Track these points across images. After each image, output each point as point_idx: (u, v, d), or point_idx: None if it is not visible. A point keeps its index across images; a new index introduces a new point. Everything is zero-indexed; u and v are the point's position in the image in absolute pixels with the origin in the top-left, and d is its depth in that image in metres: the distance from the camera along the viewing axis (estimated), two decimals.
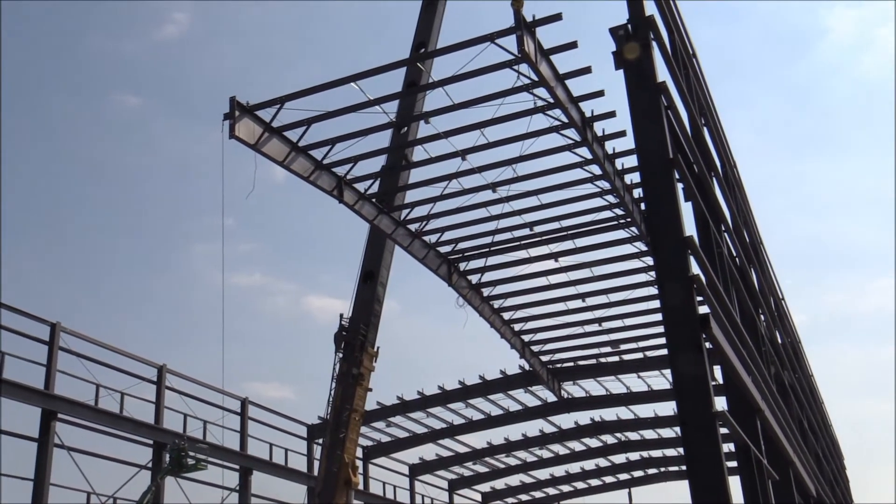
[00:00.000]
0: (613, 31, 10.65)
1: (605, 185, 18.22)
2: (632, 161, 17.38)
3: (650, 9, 11.01)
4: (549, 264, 22.00)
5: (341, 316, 20.47)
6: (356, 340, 20.04)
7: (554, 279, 22.80)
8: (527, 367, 27.60)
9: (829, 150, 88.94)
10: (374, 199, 18.22)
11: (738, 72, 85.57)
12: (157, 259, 68.56)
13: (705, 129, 14.06)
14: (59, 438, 19.18)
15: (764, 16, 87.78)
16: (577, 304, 23.72)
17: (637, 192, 18.82)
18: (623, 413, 33.42)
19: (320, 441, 24.37)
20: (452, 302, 22.04)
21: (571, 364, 28.71)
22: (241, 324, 61.31)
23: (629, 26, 10.58)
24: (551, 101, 15.00)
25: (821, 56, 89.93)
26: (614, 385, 30.64)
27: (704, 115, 14.13)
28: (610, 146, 17.39)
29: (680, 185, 10.34)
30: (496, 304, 23.51)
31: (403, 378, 60.93)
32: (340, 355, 20.22)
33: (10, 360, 17.25)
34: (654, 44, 10.71)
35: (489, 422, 32.97)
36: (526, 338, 25.60)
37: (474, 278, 22.32)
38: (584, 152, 16.99)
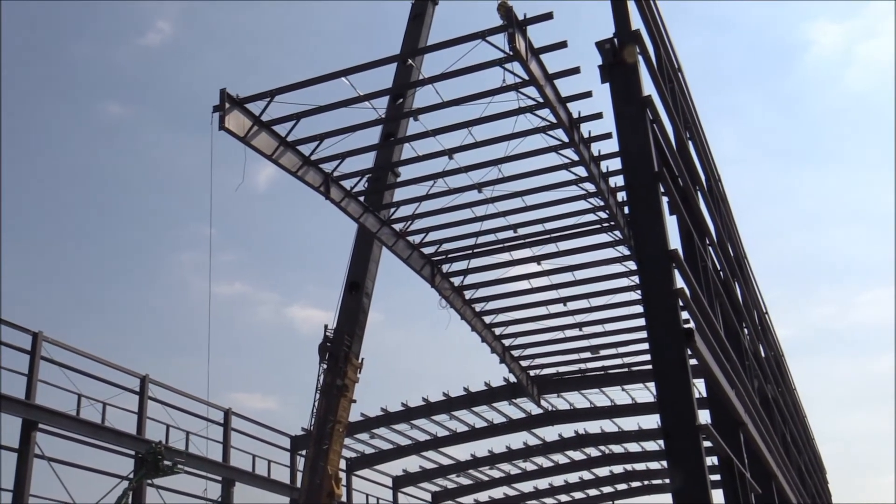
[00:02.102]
0: (600, 45, 10.62)
1: (591, 187, 18.37)
2: (616, 164, 17.50)
3: (636, 23, 11.05)
4: (532, 267, 22.13)
5: (326, 327, 20.46)
6: (340, 352, 20.03)
7: (536, 283, 22.90)
8: (512, 379, 27.61)
9: (814, 162, 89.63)
10: (360, 198, 18.27)
11: (724, 82, 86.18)
12: (138, 268, 68.31)
13: (690, 143, 14.11)
14: (39, 449, 19.03)
15: (749, 27, 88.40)
16: (559, 308, 23.82)
17: (621, 196, 19.00)
18: (607, 426, 33.51)
19: (304, 452, 24.27)
20: (437, 313, 22.08)
21: (556, 376, 28.76)
22: (224, 334, 61.13)
23: (615, 40, 10.59)
24: (540, 100, 15.18)
25: (805, 68, 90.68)
26: (599, 398, 30.76)
27: (690, 129, 14.19)
28: (595, 148, 17.56)
29: (665, 199, 10.32)
30: (478, 307, 23.56)
31: (387, 390, 60.83)
32: (325, 366, 20.21)
33: None
34: (640, 58, 10.69)
35: (473, 434, 32.97)
36: (507, 342, 25.63)
37: (458, 280, 22.38)
38: (570, 154, 17.15)
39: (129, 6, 69.57)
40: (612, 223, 19.64)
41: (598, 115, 16.37)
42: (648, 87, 10.89)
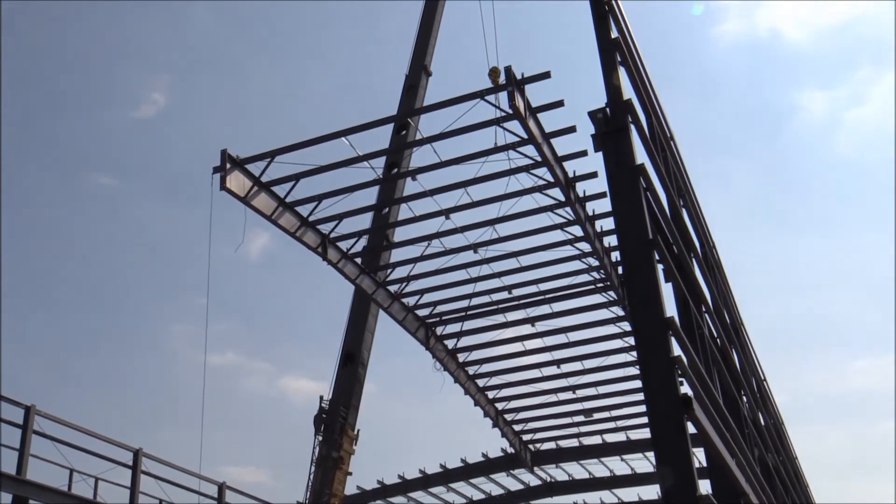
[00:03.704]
0: (592, 115, 10.78)
1: (586, 247, 18.39)
2: (610, 223, 17.54)
3: (628, 92, 11.20)
4: (526, 329, 22.00)
5: (321, 398, 20.36)
6: (336, 423, 19.91)
7: (530, 345, 22.78)
8: (509, 449, 27.39)
9: (804, 228, 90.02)
10: (356, 259, 18.24)
11: (713, 146, 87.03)
12: (129, 339, 67.83)
13: (684, 209, 14.19)
14: None
15: (737, 93, 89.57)
16: (553, 370, 23.66)
17: (615, 255, 19.00)
18: (606, 497, 33.06)
19: None
20: (432, 383, 21.99)
21: (554, 449, 28.54)
22: (216, 405, 60.50)
23: (607, 109, 10.71)
24: (538, 159, 15.27)
25: (794, 134, 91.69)
26: (598, 468, 30.48)
27: (683, 196, 14.30)
28: (589, 208, 17.62)
29: (660, 266, 10.35)
30: (472, 370, 23.40)
31: (384, 461, 60.03)
32: (320, 438, 20.05)
33: None
34: (632, 126, 10.81)
35: None
36: (500, 405, 25.39)
37: (452, 343, 22.25)
38: (566, 213, 17.21)
39: (124, 78, 70.68)
40: (608, 283, 19.64)
41: (594, 175, 16.46)
42: (641, 156, 11.00)
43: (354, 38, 78.61)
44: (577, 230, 17.85)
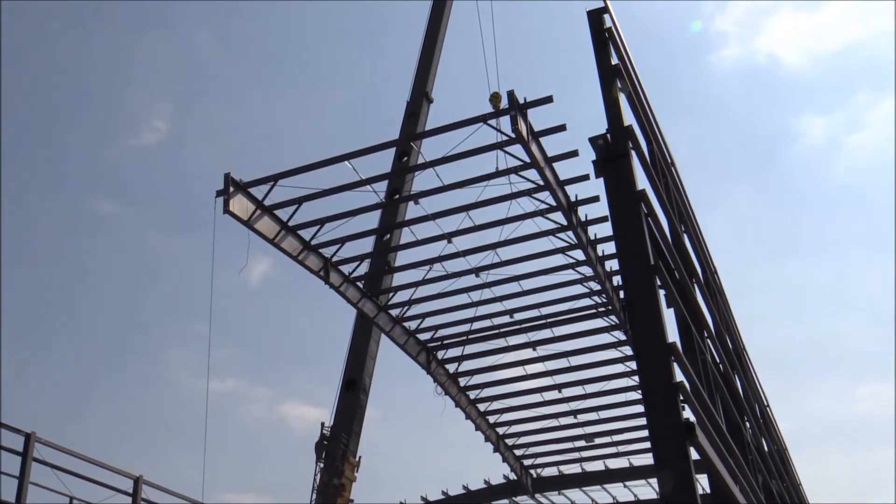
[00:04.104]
0: (593, 141, 10.84)
1: (588, 271, 18.43)
2: (611, 247, 17.59)
3: (629, 118, 11.27)
4: (528, 353, 21.97)
5: (323, 424, 20.35)
6: (338, 450, 19.89)
7: (531, 369, 22.76)
8: (511, 475, 27.32)
9: (805, 253, 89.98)
10: (358, 282, 18.27)
11: (714, 171, 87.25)
12: (129, 365, 67.66)
13: (685, 235, 14.22)
14: None
15: (737, 118, 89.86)
16: (554, 394, 23.61)
17: (617, 279, 19.03)
18: None
19: None
20: (434, 409, 21.96)
21: (556, 472, 28.47)
22: (217, 431, 60.11)
23: (608, 135, 10.77)
24: (540, 183, 15.33)
25: (794, 159, 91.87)
26: (600, 494, 30.40)
27: (684, 221, 14.34)
28: (591, 232, 17.64)
29: (662, 292, 10.36)
30: (472, 394, 23.35)
31: (386, 488, 59.75)
32: (321, 465, 20.02)
33: None
34: (633, 152, 10.84)
35: None
36: (501, 430, 25.33)
37: (453, 367, 22.22)
38: (568, 237, 17.26)
39: (127, 105, 71.10)
40: (609, 307, 19.64)
41: (595, 199, 16.51)
42: (642, 181, 11.02)
43: (356, 66, 79.23)
44: (578, 254, 17.87)
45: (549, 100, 14.15)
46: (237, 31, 75.75)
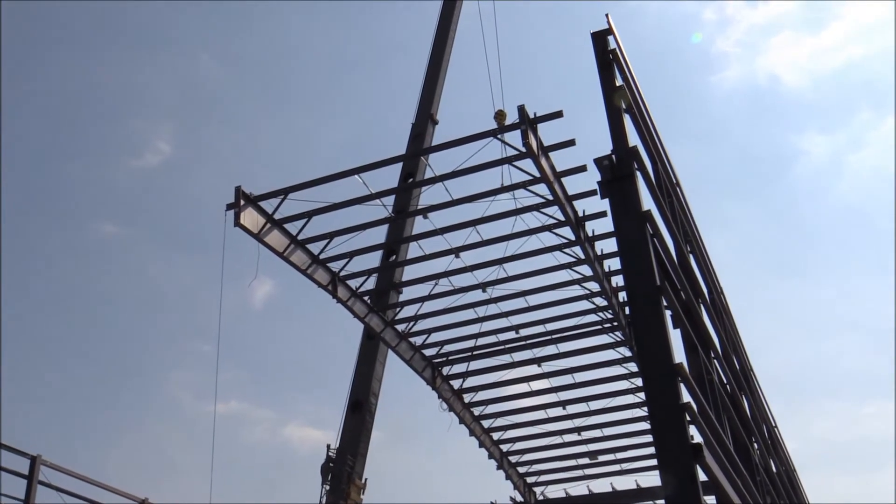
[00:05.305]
0: (598, 162, 10.96)
1: (594, 286, 18.47)
2: (617, 263, 17.56)
3: (634, 139, 11.36)
4: (532, 370, 21.93)
5: (328, 447, 20.39)
6: (343, 472, 19.93)
7: (536, 385, 22.73)
8: (518, 497, 27.24)
9: (810, 273, 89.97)
10: (365, 297, 18.31)
11: (718, 192, 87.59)
12: (131, 386, 67.93)
13: (691, 255, 14.27)
14: None
15: (740, 138, 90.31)
16: (558, 411, 23.59)
17: (622, 296, 19.01)
18: None
19: None
20: (440, 430, 21.98)
21: (561, 491, 28.39)
22: (221, 453, 60.15)
23: (613, 156, 10.89)
24: (549, 198, 15.39)
25: (797, 178, 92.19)
26: None
27: (690, 242, 14.42)
28: (598, 247, 17.64)
29: (668, 312, 10.40)
30: (477, 410, 23.32)
31: None
32: (327, 487, 20.05)
33: None
34: (638, 173, 10.96)
35: None
36: (505, 447, 25.30)
37: (457, 383, 22.19)
38: (574, 252, 17.28)
39: (130, 126, 71.57)
40: (616, 323, 19.65)
41: (603, 214, 16.47)
42: (648, 202, 11.09)
43: (361, 88, 79.72)
44: (585, 269, 17.89)
45: (559, 114, 14.16)
46: (239, 54, 76.54)
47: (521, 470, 26.74)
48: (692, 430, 9.59)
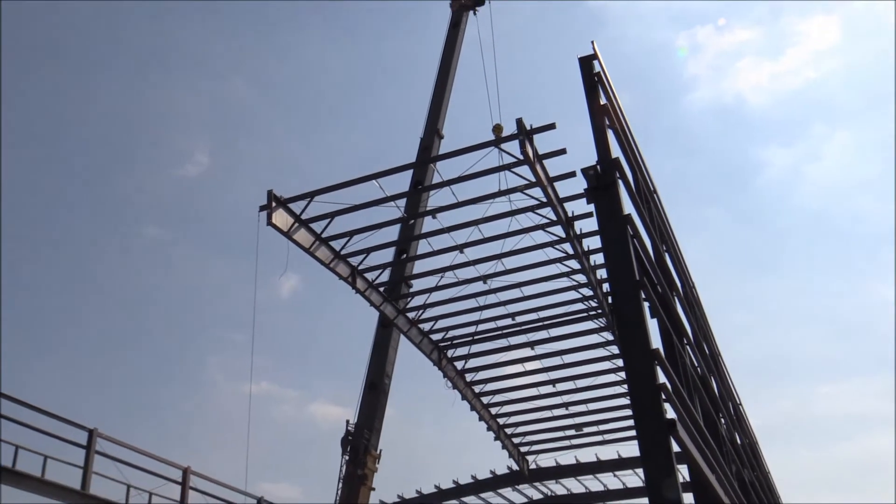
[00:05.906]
0: (585, 171, 11.60)
1: (582, 278, 19.92)
2: (602, 258, 18.88)
3: (616, 151, 12.02)
4: (527, 352, 23.62)
5: (347, 422, 21.88)
6: (361, 444, 21.39)
7: (529, 366, 24.48)
8: (514, 467, 28.96)
9: (773, 271, 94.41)
10: (381, 289, 19.84)
11: (692, 198, 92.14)
12: (174, 370, 73.96)
13: (667, 254, 14.87)
14: None
15: (710, 151, 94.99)
16: (549, 389, 25.31)
17: (606, 287, 20.46)
18: None
19: None
20: (446, 407, 23.72)
21: (552, 463, 30.59)
22: (252, 428, 63.03)
23: (598, 167, 11.55)
24: (543, 200, 16.77)
25: (762, 186, 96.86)
26: (593, 483, 33.04)
27: (666, 242, 15.06)
28: (585, 244, 19.14)
29: (646, 304, 10.98)
30: (477, 388, 25.00)
31: (403, 478, 62.20)
32: (346, 458, 21.47)
33: (52, 463, 18.28)
34: (620, 182, 11.60)
35: None
36: (502, 421, 26.98)
37: (461, 364, 23.81)
38: (564, 248, 18.73)
39: (172, 142, 77.67)
40: (600, 311, 21.21)
41: (590, 215, 17.70)
42: (629, 207, 11.83)
43: (376, 106, 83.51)
44: (573, 263, 19.37)
45: (552, 126, 15.50)
46: (268, 78, 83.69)
47: (516, 441, 28.64)
48: (667, 407, 10.28)
